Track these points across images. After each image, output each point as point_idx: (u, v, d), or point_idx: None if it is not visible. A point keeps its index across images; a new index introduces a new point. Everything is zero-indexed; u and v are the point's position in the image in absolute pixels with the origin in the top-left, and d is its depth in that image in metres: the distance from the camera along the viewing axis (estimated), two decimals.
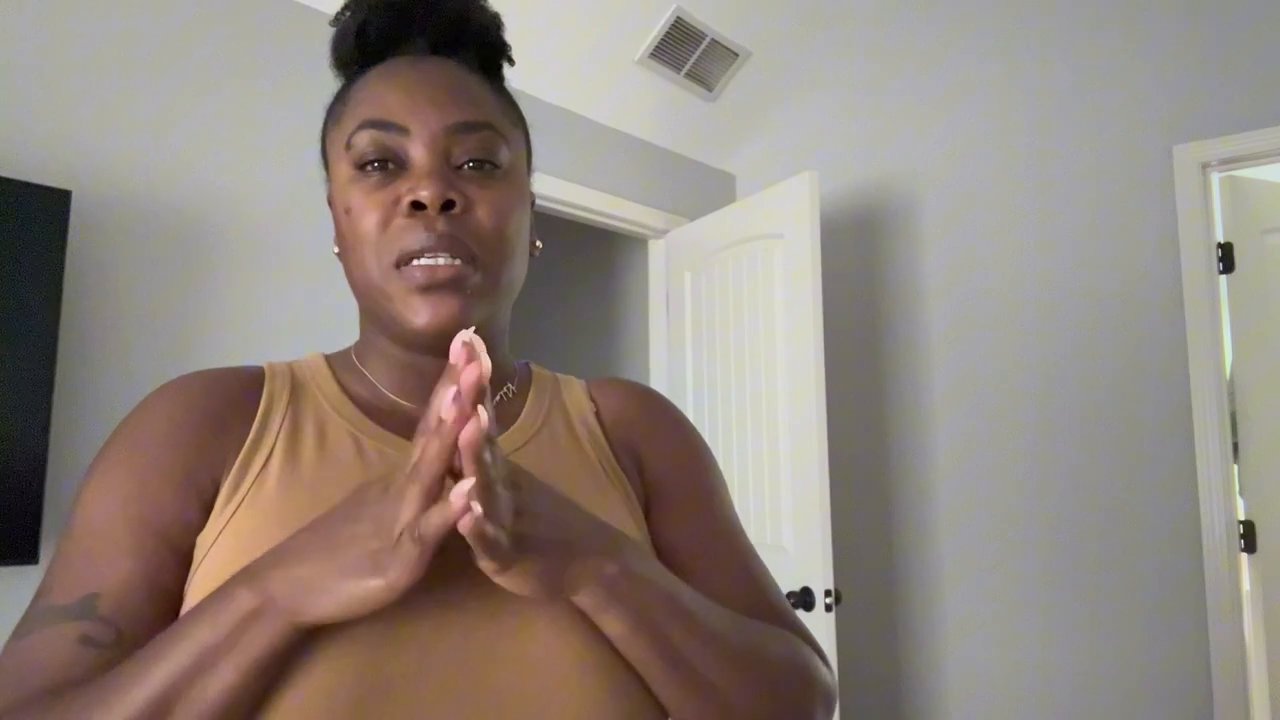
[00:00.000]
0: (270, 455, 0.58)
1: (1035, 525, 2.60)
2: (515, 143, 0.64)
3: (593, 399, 0.71)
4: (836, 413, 3.01)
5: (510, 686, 0.53)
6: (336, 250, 0.63)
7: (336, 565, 0.47)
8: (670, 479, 0.68)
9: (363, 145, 0.59)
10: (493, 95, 0.64)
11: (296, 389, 0.63)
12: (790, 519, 2.40)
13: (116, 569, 0.54)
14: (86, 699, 0.47)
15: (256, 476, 0.57)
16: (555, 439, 0.66)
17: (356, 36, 0.65)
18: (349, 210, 0.60)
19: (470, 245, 0.58)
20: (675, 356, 3.00)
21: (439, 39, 0.65)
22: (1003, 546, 2.66)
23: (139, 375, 1.77)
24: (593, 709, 0.53)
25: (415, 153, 0.59)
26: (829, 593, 2.28)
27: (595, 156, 2.83)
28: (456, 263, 0.57)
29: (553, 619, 0.55)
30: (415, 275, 0.57)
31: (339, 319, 2.07)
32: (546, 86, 2.63)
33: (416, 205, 0.57)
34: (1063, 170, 2.63)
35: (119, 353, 1.75)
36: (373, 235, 0.58)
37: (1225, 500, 2.32)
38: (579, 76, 2.67)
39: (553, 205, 2.70)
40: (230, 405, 0.60)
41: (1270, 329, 2.50)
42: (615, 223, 2.93)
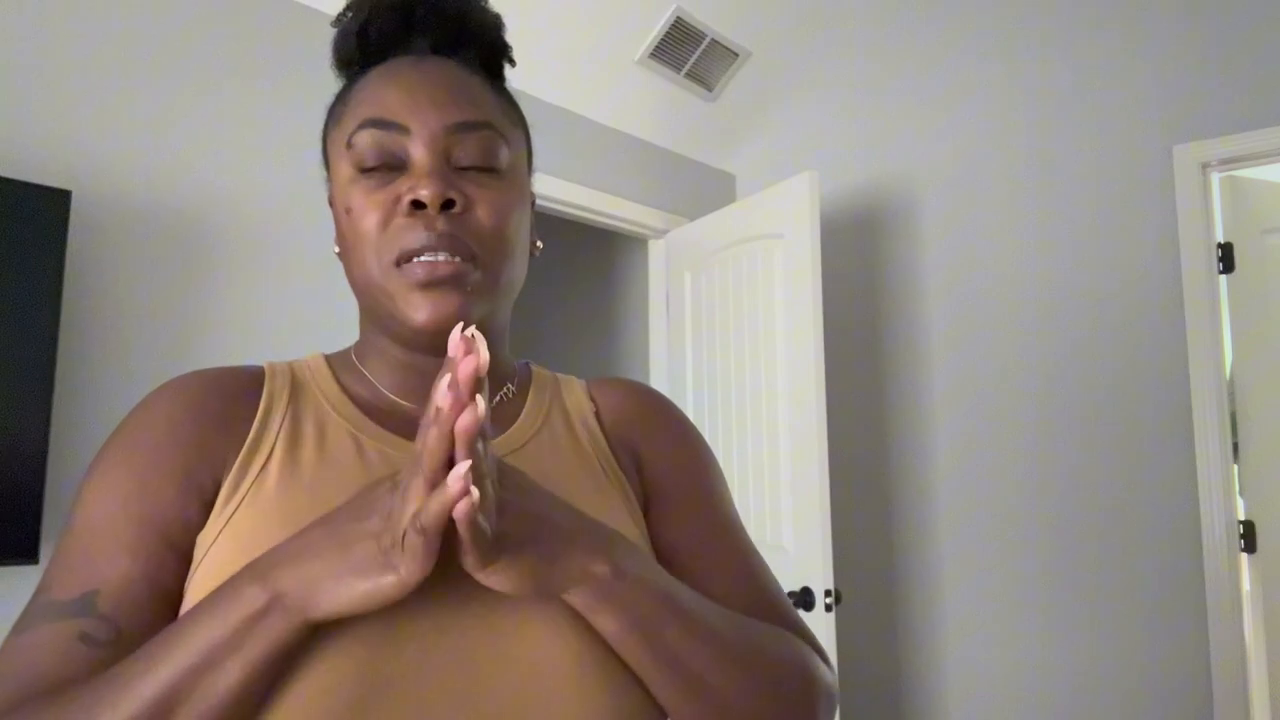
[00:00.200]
0: (270, 455, 0.58)
1: (1035, 525, 2.60)
2: (515, 143, 0.64)
3: (593, 399, 0.71)
4: (836, 413, 3.02)
5: (510, 685, 0.53)
6: (337, 250, 0.64)
7: (347, 561, 0.47)
8: (670, 479, 0.68)
9: (363, 145, 0.59)
10: (493, 95, 0.64)
11: (296, 389, 0.63)
12: (790, 519, 2.40)
13: (116, 567, 0.54)
14: (92, 695, 0.47)
15: (257, 476, 0.57)
16: (555, 439, 0.66)
17: (358, 37, 0.65)
18: (349, 210, 0.60)
19: (470, 244, 0.58)
20: (675, 356, 3.00)
21: (440, 39, 0.65)
22: (1003, 546, 2.66)
23: (139, 375, 1.77)
24: (591, 708, 0.53)
25: (415, 152, 0.59)
26: (829, 593, 2.28)
27: (595, 156, 2.83)
28: (456, 260, 0.57)
29: (552, 618, 0.54)
30: (416, 272, 0.57)
31: (339, 319, 2.07)
32: (546, 86, 2.63)
33: (417, 204, 0.57)
34: (1063, 170, 2.63)
35: (119, 353, 1.75)
36: (373, 235, 0.58)
37: (1225, 500, 2.32)
38: (579, 76, 2.67)
39: (553, 205, 2.70)
40: (230, 404, 0.60)
41: (1270, 329, 2.50)
42: (615, 223, 2.93)
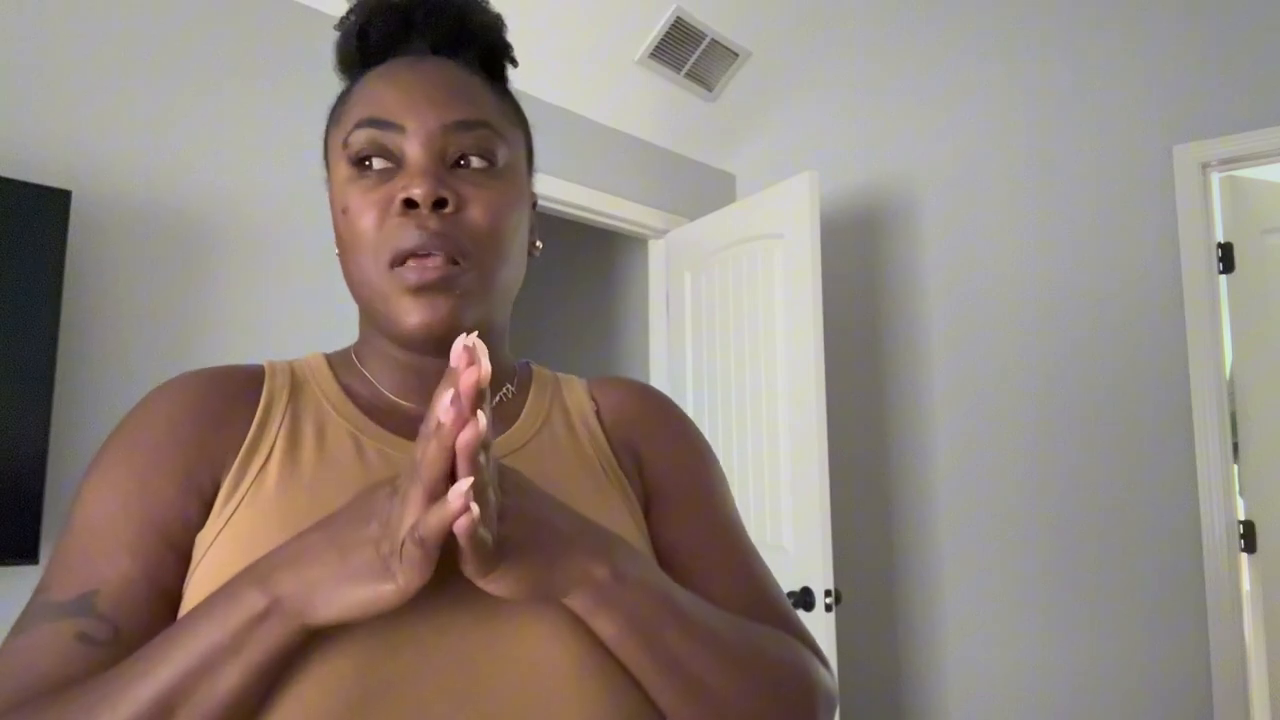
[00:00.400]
0: (270, 454, 0.58)
1: (1035, 525, 2.60)
2: (514, 142, 0.64)
3: (594, 398, 0.71)
4: (836, 413, 3.01)
5: (509, 688, 0.52)
6: (338, 251, 0.63)
7: (347, 568, 0.47)
8: (670, 479, 0.68)
9: (360, 143, 0.59)
10: (492, 95, 0.63)
11: (296, 388, 0.63)
12: (790, 519, 2.40)
13: (115, 567, 0.53)
14: (90, 697, 0.47)
15: (256, 475, 0.57)
16: (555, 439, 0.66)
17: (358, 38, 0.65)
18: (345, 210, 0.60)
19: (463, 244, 0.58)
20: (675, 356, 2.99)
21: (439, 40, 0.64)
22: (1003, 546, 2.66)
23: (139, 375, 1.77)
24: (591, 711, 0.53)
25: (410, 151, 0.59)
26: (829, 593, 2.28)
27: (595, 156, 2.83)
28: (446, 262, 0.57)
29: (552, 621, 0.54)
30: (408, 276, 0.57)
31: (339, 319, 2.07)
32: (546, 86, 2.63)
33: (409, 203, 0.57)
34: (1063, 170, 2.63)
35: (119, 353, 1.75)
36: (368, 235, 0.58)
37: (1225, 500, 2.32)
38: (579, 76, 2.67)
39: (553, 205, 2.70)
40: (230, 403, 0.60)
41: (1270, 329, 2.50)
42: (615, 223, 2.93)
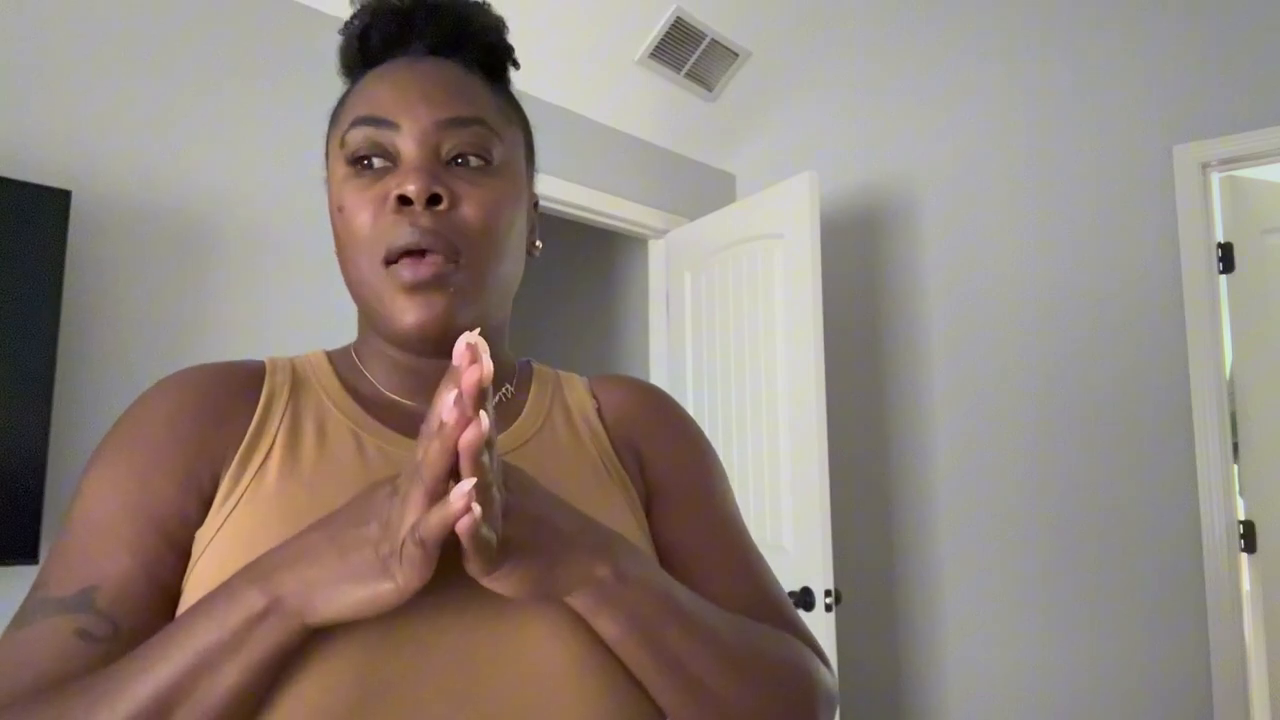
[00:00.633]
0: (270, 450, 0.58)
1: (1035, 525, 2.60)
2: (511, 140, 0.64)
3: (595, 396, 0.71)
4: (836, 413, 3.01)
5: (509, 687, 0.52)
6: (337, 251, 0.63)
7: (347, 568, 0.47)
8: (672, 477, 0.68)
9: (356, 142, 0.59)
10: (490, 94, 0.63)
11: (297, 384, 0.63)
12: (790, 519, 2.39)
13: (115, 563, 0.53)
14: (90, 694, 0.47)
15: (256, 472, 0.57)
16: (556, 437, 0.66)
17: (359, 41, 0.65)
18: (341, 208, 0.60)
19: (457, 241, 0.58)
20: (675, 356, 2.99)
21: (439, 41, 0.64)
22: (1003, 546, 2.66)
23: (139, 375, 1.77)
24: (591, 710, 0.53)
25: (405, 148, 0.59)
26: (829, 593, 2.28)
27: (595, 156, 2.83)
28: (439, 260, 0.57)
29: (552, 620, 0.54)
30: (402, 274, 0.57)
31: (339, 319, 2.07)
32: (546, 86, 2.63)
33: (403, 200, 0.57)
34: (1063, 170, 2.63)
35: (119, 353, 1.75)
36: (363, 232, 0.58)
37: (1225, 500, 2.31)
38: (579, 76, 2.67)
39: (553, 205, 2.70)
40: (231, 399, 0.60)
41: (1270, 329, 2.50)
42: (615, 223, 2.93)
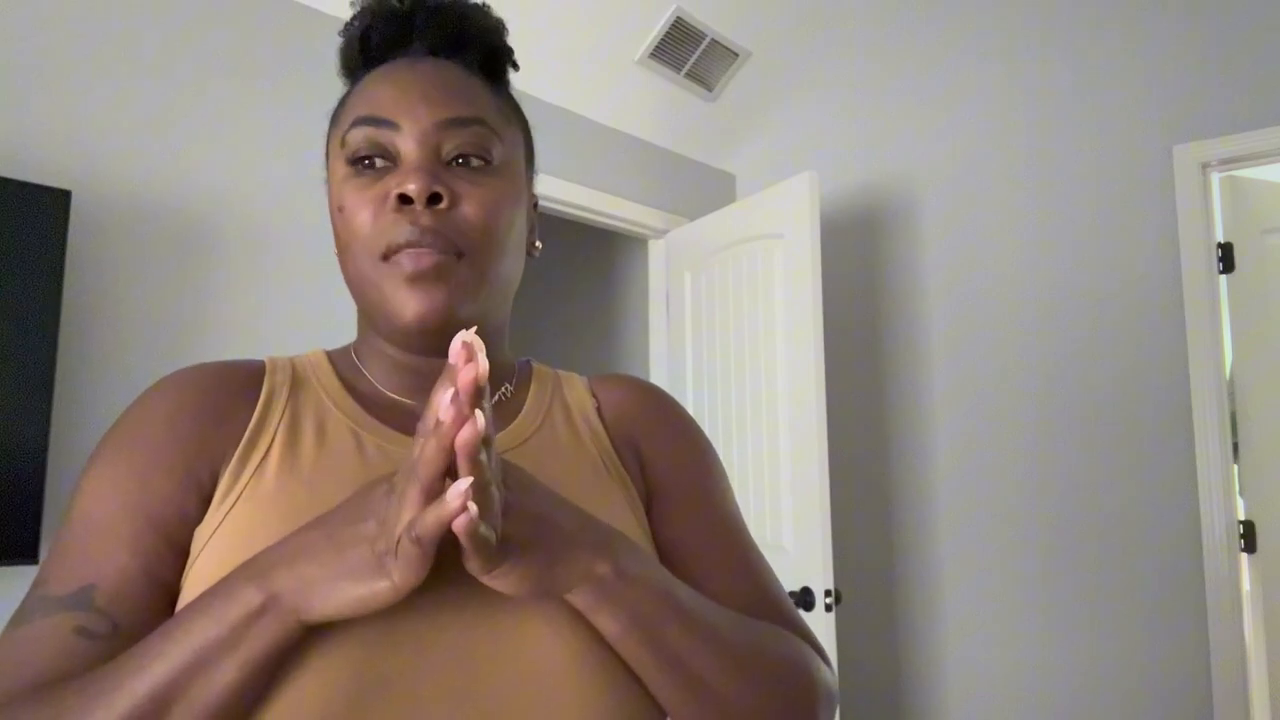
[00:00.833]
0: (269, 449, 0.58)
1: (1035, 525, 2.60)
2: (510, 140, 0.64)
3: (594, 395, 0.71)
4: (836, 413, 3.01)
5: (508, 685, 0.52)
6: (337, 251, 0.64)
7: (343, 565, 0.47)
8: (672, 476, 0.68)
9: (356, 141, 0.60)
10: (489, 94, 0.64)
11: (297, 383, 0.63)
12: (790, 519, 2.40)
13: (113, 561, 0.53)
14: (87, 692, 0.47)
15: (255, 470, 0.57)
16: (556, 436, 0.66)
17: (360, 42, 0.66)
18: (342, 208, 0.60)
19: (456, 239, 0.58)
20: (675, 356, 3.00)
21: (439, 42, 0.65)
22: (1003, 546, 2.66)
23: (139, 375, 1.77)
24: (591, 708, 0.53)
25: (405, 147, 0.59)
26: (829, 593, 2.28)
27: (595, 156, 2.83)
28: (440, 254, 0.57)
29: (551, 618, 0.54)
30: (402, 264, 0.57)
31: (339, 319, 2.07)
32: (546, 86, 2.63)
33: (404, 199, 0.57)
34: (1063, 170, 2.63)
35: (119, 353, 1.75)
36: (363, 230, 0.59)
37: (1225, 500, 2.32)
38: (579, 76, 2.67)
39: (553, 205, 2.70)
40: (230, 398, 0.60)
41: (1270, 329, 2.50)
42: (615, 223, 2.93)
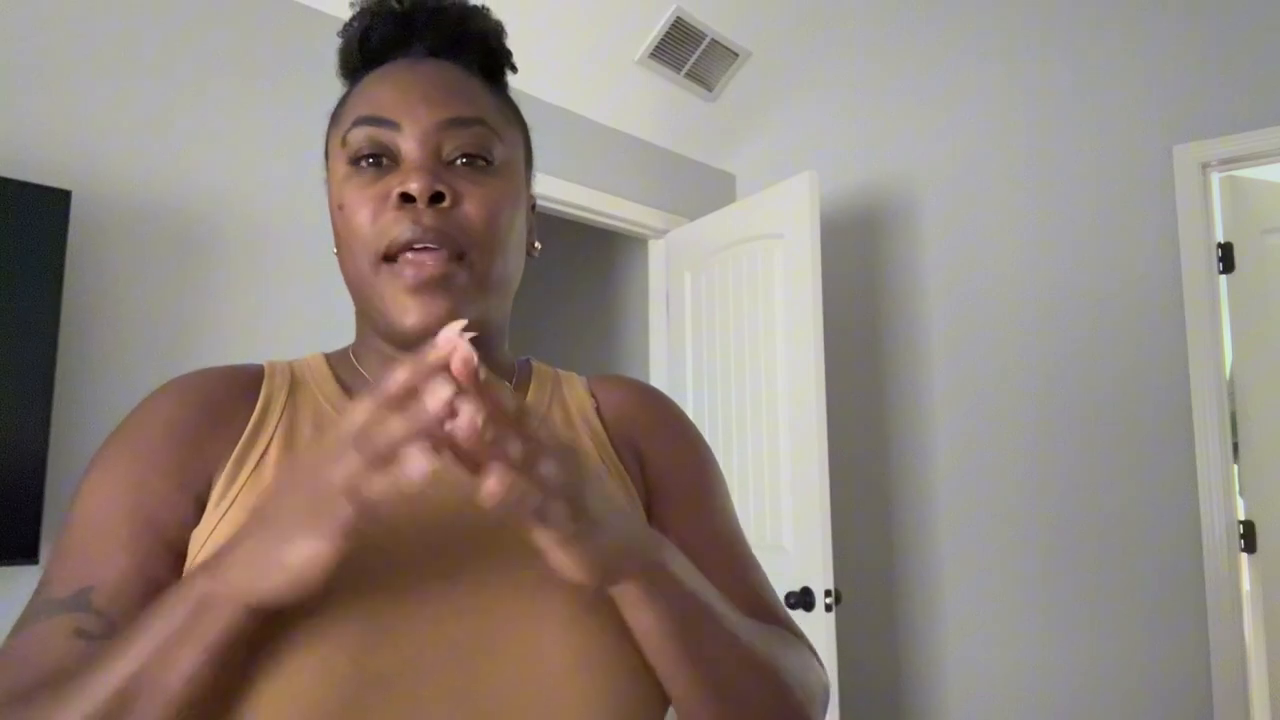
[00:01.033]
0: (266, 451, 0.59)
1: (1035, 525, 2.60)
2: (510, 141, 0.64)
3: (593, 395, 0.71)
4: (836, 413, 3.01)
5: (509, 685, 0.53)
6: (336, 250, 0.64)
7: (273, 535, 0.45)
8: (671, 477, 0.68)
9: (357, 141, 0.60)
10: (489, 95, 0.64)
11: (295, 387, 0.64)
12: (790, 519, 2.39)
13: (112, 563, 0.54)
14: (56, 693, 0.47)
15: (251, 473, 0.57)
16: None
17: (360, 43, 0.66)
18: (342, 206, 0.60)
19: (458, 239, 0.58)
20: (675, 356, 2.99)
21: (439, 43, 0.65)
22: (1003, 546, 2.66)
23: (139, 375, 1.77)
24: (592, 708, 0.53)
25: (407, 147, 0.59)
26: (829, 593, 2.28)
27: (595, 156, 2.83)
28: (443, 257, 0.57)
29: (552, 617, 0.55)
30: (405, 273, 0.57)
31: (339, 319, 2.07)
32: (546, 86, 2.63)
33: (405, 198, 0.58)
34: (1063, 170, 2.63)
35: (119, 353, 1.75)
36: (364, 230, 0.59)
37: (1225, 500, 2.31)
38: (579, 76, 2.67)
39: (553, 205, 2.70)
40: (229, 402, 0.61)
41: (1270, 329, 2.50)
42: (615, 223, 2.93)
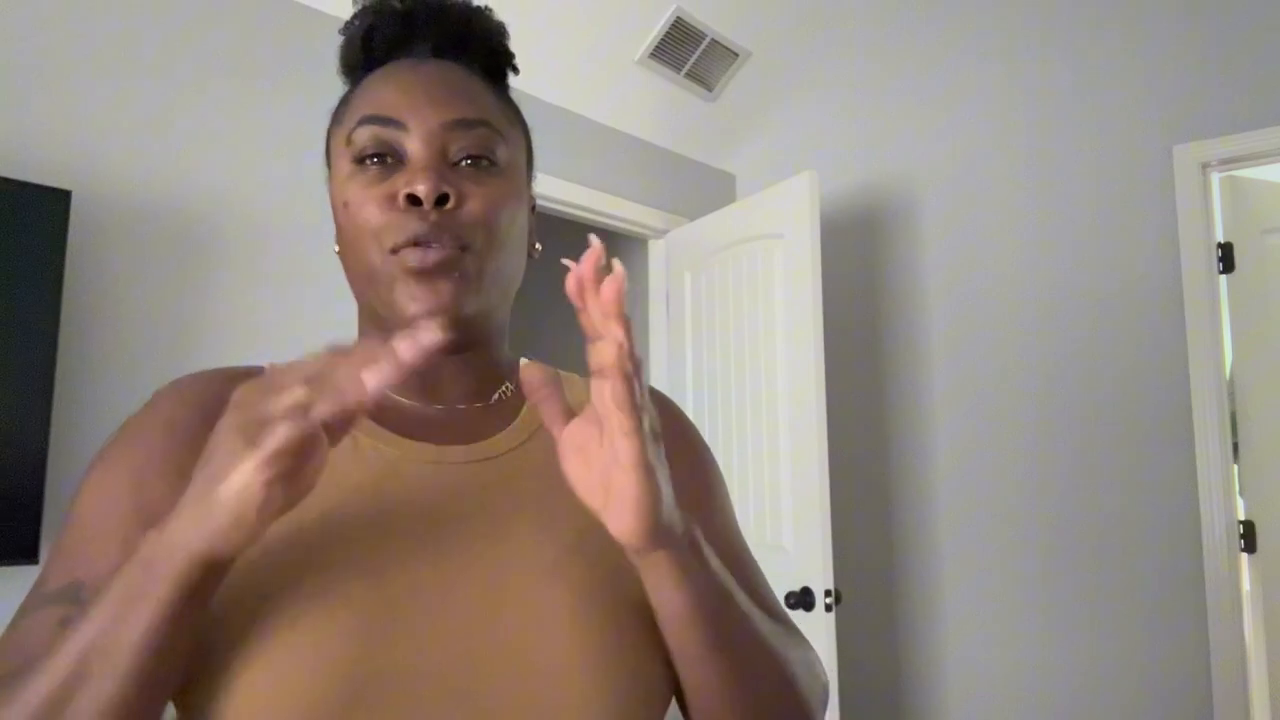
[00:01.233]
0: None
1: (1035, 525, 2.60)
2: (513, 142, 0.65)
3: None
4: (836, 413, 3.01)
5: (509, 684, 0.53)
6: (337, 249, 0.64)
7: (208, 477, 0.44)
8: (673, 479, 0.68)
9: (362, 140, 0.60)
10: (492, 96, 0.65)
11: None
12: (790, 519, 2.39)
13: (106, 559, 0.54)
14: (26, 672, 0.47)
15: None
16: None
17: (362, 42, 0.66)
18: (347, 204, 0.61)
19: (462, 236, 0.59)
20: (675, 356, 3.00)
21: (441, 43, 0.65)
22: (1003, 546, 2.66)
23: (139, 375, 1.77)
24: (593, 707, 0.54)
25: (412, 148, 0.60)
26: (829, 593, 2.28)
27: (595, 156, 2.83)
28: (447, 249, 0.58)
29: (553, 616, 0.55)
30: (409, 259, 0.58)
31: (339, 319, 2.07)
32: (546, 86, 2.63)
33: (412, 199, 0.58)
34: (1063, 170, 2.63)
35: (119, 353, 1.75)
36: (370, 226, 0.59)
37: (1225, 500, 2.32)
38: (579, 76, 2.67)
39: (553, 205, 2.70)
40: (227, 402, 0.61)
41: (1270, 329, 2.50)
42: (615, 223, 2.93)
